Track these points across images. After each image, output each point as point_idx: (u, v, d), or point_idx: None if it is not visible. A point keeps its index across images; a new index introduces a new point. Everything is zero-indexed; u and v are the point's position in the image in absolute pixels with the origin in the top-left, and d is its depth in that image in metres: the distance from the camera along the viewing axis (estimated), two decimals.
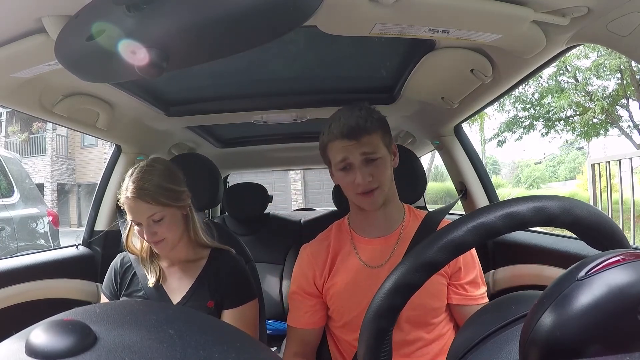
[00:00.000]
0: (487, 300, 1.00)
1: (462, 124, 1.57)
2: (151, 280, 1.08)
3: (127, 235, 1.12)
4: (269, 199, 2.11)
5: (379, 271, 0.96)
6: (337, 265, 1.01)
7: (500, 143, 11.75)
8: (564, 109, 9.58)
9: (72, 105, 1.14)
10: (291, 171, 12.58)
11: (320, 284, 1.02)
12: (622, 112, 10.32)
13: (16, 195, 3.84)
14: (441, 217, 1.02)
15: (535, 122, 10.82)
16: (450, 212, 1.37)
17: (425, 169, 1.44)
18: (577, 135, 10.75)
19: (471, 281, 0.99)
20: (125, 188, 1.01)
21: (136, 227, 1.04)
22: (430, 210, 1.15)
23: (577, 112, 9.88)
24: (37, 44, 0.74)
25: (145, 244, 1.11)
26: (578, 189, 14.29)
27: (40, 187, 11.92)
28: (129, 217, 1.03)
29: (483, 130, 15.29)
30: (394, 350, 0.92)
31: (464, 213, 1.64)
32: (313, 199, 13.07)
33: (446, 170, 1.78)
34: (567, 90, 9.40)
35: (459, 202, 1.67)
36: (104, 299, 1.16)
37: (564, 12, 0.72)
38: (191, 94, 1.43)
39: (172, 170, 1.08)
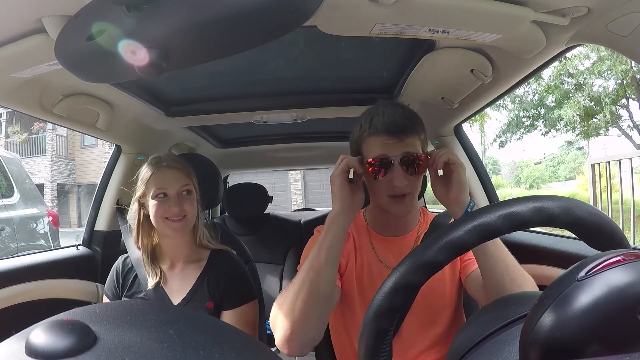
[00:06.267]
0: None
1: (462, 124, 1.57)
2: (151, 283, 1.08)
3: (138, 228, 1.10)
4: (269, 199, 2.11)
5: None
6: (354, 258, 0.98)
7: (502, 144, 11.75)
8: (572, 116, 9.53)
9: (72, 105, 1.14)
10: (291, 171, 12.58)
11: (343, 264, 0.96)
12: (622, 112, 10.33)
13: (16, 196, 3.84)
14: (448, 220, 1.01)
15: (536, 122, 10.83)
16: None
17: None
18: (577, 135, 10.76)
19: None
20: (155, 162, 1.07)
21: (155, 203, 1.03)
22: (430, 210, 1.15)
23: (579, 113, 9.87)
24: (37, 44, 0.74)
25: (148, 246, 1.11)
26: (578, 189, 14.27)
27: (40, 187, 11.92)
28: (158, 186, 1.03)
29: (483, 130, 15.29)
30: (402, 350, 0.93)
31: None
32: (313, 199, 13.07)
33: None
34: (574, 94, 9.36)
35: None
36: (106, 301, 1.16)
37: (564, 12, 0.72)
38: (191, 94, 1.43)
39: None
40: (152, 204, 1.05)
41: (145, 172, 1.07)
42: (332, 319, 1.03)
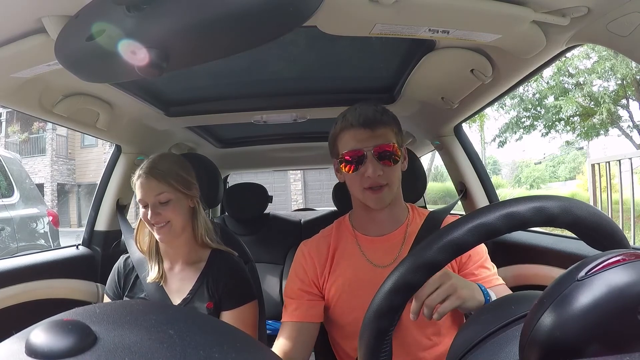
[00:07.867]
0: (500, 281, 0.94)
1: (462, 124, 1.57)
2: (152, 276, 1.09)
3: (137, 229, 1.14)
4: (269, 199, 2.10)
5: (385, 270, 0.93)
6: (340, 263, 0.99)
7: (502, 143, 11.76)
8: (569, 113, 9.57)
9: (72, 105, 1.14)
10: (291, 171, 12.59)
11: (321, 282, 0.99)
12: (622, 112, 10.34)
13: (16, 196, 3.84)
14: (444, 216, 1.02)
15: (535, 122, 10.85)
16: (452, 212, 1.38)
17: (425, 169, 1.44)
18: (577, 135, 10.77)
19: (480, 265, 0.95)
20: (139, 169, 1.07)
21: (142, 210, 1.06)
22: (430, 210, 1.15)
23: (578, 112, 9.89)
24: (37, 44, 0.74)
25: (152, 241, 1.12)
26: (578, 189, 14.28)
27: (40, 187, 11.93)
28: (138, 197, 1.06)
29: (483, 130, 15.32)
30: (400, 350, 0.93)
31: (464, 213, 1.64)
32: (313, 199, 13.07)
33: (446, 170, 1.78)
34: (573, 92, 9.39)
35: (459, 203, 1.67)
36: (107, 300, 1.16)
37: (564, 12, 0.72)
38: (191, 94, 1.43)
39: (185, 161, 1.14)
40: (140, 210, 1.08)
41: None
42: (329, 320, 1.03)
